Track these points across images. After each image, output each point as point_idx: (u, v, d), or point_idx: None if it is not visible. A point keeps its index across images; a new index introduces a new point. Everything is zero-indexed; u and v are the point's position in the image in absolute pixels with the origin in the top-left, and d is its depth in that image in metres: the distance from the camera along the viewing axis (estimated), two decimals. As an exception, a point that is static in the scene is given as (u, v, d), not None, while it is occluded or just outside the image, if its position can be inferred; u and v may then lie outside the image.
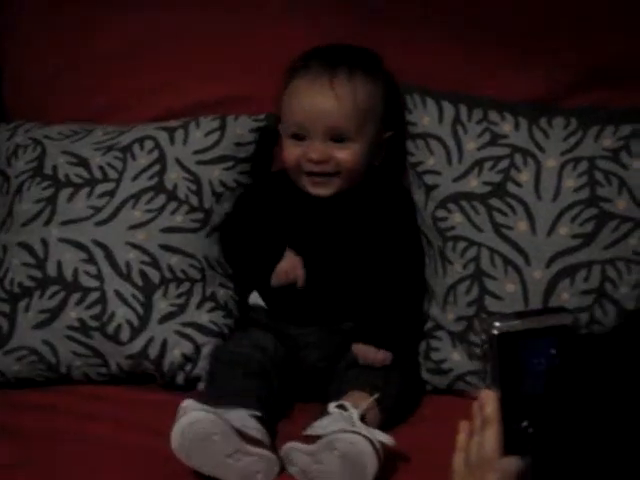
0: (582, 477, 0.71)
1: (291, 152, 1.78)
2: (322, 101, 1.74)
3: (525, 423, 0.90)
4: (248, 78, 1.93)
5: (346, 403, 1.59)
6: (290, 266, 1.77)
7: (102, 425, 1.69)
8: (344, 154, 1.75)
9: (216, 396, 1.64)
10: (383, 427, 1.61)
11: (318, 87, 1.74)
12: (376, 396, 1.62)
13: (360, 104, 1.75)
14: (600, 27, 1.80)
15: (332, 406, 1.60)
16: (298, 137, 1.77)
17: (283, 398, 1.71)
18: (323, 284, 1.78)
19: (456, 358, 1.75)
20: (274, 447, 1.58)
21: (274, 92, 1.81)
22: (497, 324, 0.92)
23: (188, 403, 1.54)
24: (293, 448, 1.54)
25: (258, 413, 1.60)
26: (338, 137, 1.75)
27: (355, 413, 1.57)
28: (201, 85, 1.95)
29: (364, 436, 1.50)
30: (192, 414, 1.52)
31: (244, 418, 1.57)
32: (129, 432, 1.66)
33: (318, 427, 1.55)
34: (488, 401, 0.91)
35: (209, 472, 1.53)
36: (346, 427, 1.52)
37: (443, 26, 1.86)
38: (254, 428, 1.56)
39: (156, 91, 1.96)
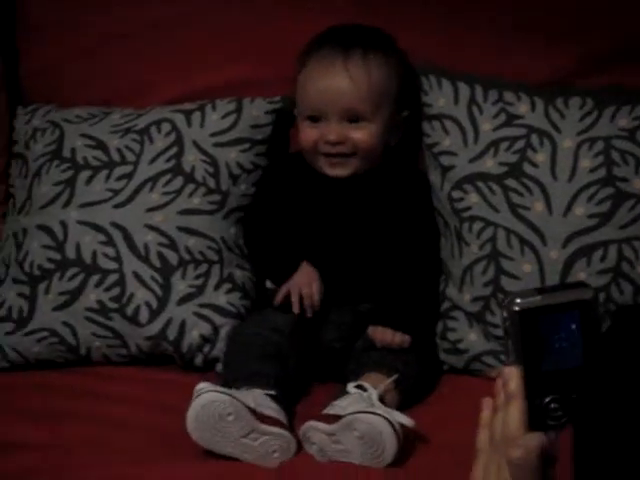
0: (623, 450, 0.72)
1: (308, 134, 1.79)
2: (337, 82, 1.75)
3: (548, 399, 0.91)
4: (264, 61, 1.93)
5: (365, 384, 1.60)
6: (306, 281, 1.76)
7: (122, 406, 1.70)
8: (360, 134, 1.76)
9: (233, 378, 1.66)
10: (401, 407, 1.62)
11: (332, 69, 1.75)
12: (395, 377, 1.63)
13: (375, 84, 1.75)
14: (617, 8, 1.80)
15: (351, 386, 1.61)
16: (314, 119, 1.78)
17: (300, 378, 1.72)
18: (341, 265, 1.79)
19: (472, 338, 1.76)
20: (291, 426, 1.59)
21: (290, 75, 1.82)
22: (518, 300, 0.93)
23: (203, 385, 1.55)
24: (312, 427, 1.55)
25: (273, 392, 1.60)
26: (354, 118, 1.76)
27: (374, 394, 1.58)
28: (217, 69, 1.95)
29: (384, 417, 1.51)
30: (206, 395, 1.53)
31: (259, 397, 1.58)
32: (148, 413, 1.67)
33: (338, 407, 1.56)
34: (511, 377, 0.92)
35: (226, 452, 1.54)
36: (366, 408, 1.53)
37: (459, 8, 1.86)
38: (270, 407, 1.57)
39: (173, 74, 1.97)
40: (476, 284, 1.75)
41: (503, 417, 0.92)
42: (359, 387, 1.61)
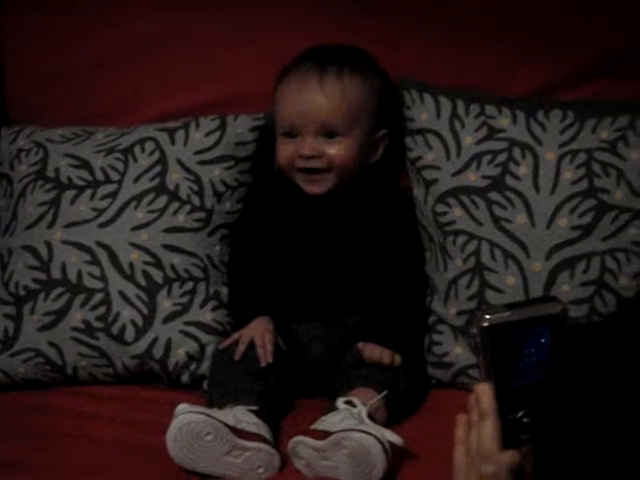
0: (581, 465, 0.72)
1: (284, 150, 1.79)
2: (312, 98, 1.76)
3: (520, 413, 0.91)
4: (247, 78, 1.94)
5: (354, 399, 1.61)
6: (260, 331, 1.73)
7: (109, 425, 1.70)
8: (335, 149, 1.76)
9: (217, 395, 1.66)
10: (389, 423, 1.63)
11: (308, 84, 1.76)
12: (384, 394, 1.63)
13: (350, 100, 1.76)
14: (597, 21, 1.81)
15: (340, 401, 1.61)
16: (290, 135, 1.78)
17: (286, 393, 1.72)
18: (326, 280, 1.79)
19: (458, 352, 1.76)
20: (276, 441, 1.59)
21: (273, 92, 1.83)
22: (487, 316, 0.93)
23: (181, 407, 1.55)
24: (301, 442, 1.55)
25: (255, 407, 1.61)
26: (329, 133, 1.76)
27: (364, 411, 1.58)
28: (200, 86, 1.96)
29: (373, 435, 1.51)
30: (183, 417, 1.54)
31: (241, 414, 1.58)
32: (135, 432, 1.67)
33: (327, 423, 1.56)
34: (483, 394, 0.92)
35: (210, 472, 1.55)
36: (356, 426, 1.53)
37: (440, 21, 1.87)
38: (252, 423, 1.57)
39: (156, 93, 1.97)
40: (461, 298, 1.75)
41: (477, 433, 0.92)
42: (348, 403, 1.61)
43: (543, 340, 0.92)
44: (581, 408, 0.74)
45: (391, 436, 1.53)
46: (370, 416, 1.59)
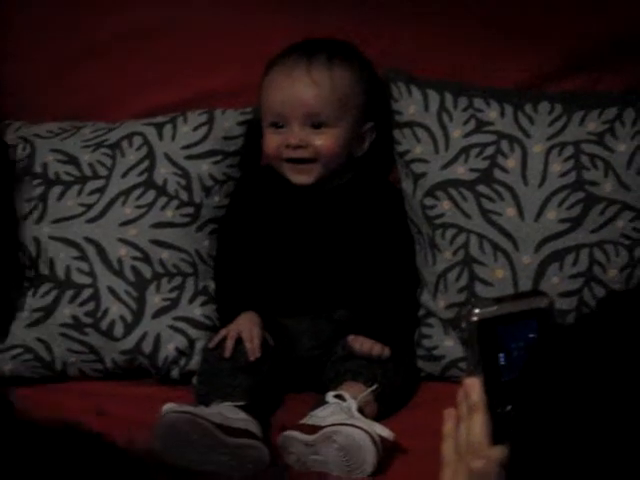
0: (559, 461, 0.73)
1: (271, 140, 1.79)
2: (299, 88, 1.76)
3: (509, 407, 0.91)
4: (235, 72, 1.93)
5: (344, 393, 1.61)
6: (247, 326, 1.72)
7: (99, 421, 1.69)
8: (322, 140, 1.76)
9: (205, 392, 1.67)
10: (379, 416, 1.63)
11: (295, 74, 1.76)
12: (374, 388, 1.63)
13: (338, 90, 1.76)
14: (584, 12, 1.81)
15: (330, 395, 1.61)
16: (277, 125, 1.78)
17: (275, 388, 1.72)
18: (314, 273, 1.79)
19: (448, 344, 1.76)
20: (266, 436, 1.59)
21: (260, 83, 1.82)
22: (476, 311, 0.93)
23: (166, 407, 1.55)
24: (291, 437, 1.55)
25: (242, 403, 1.60)
26: (316, 123, 1.76)
27: (354, 405, 1.58)
28: (188, 80, 1.95)
29: (364, 430, 1.51)
30: (168, 417, 1.54)
31: (228, 410, 1.58)
32: (125, 428, 1.66)
33: (317, 417, 1.56)
34: (472, 388, 0.92)
35: (201, 469, 1.55)
36: (346, 420, 1.53)
37: (428, 13, 1.86)
38: (239, 419, 1.57)
39: (143, 87, 1.96)
40: (450, 291, 1.75)
41: (467, 428, 0.92)
42: (338, 397, 1.61)
43: (531, 334, 0.93)
44: (556, 401, 0.74)
45: (381, 430, 1.54)
46: (360, 410, 1.59)
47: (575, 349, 0.76)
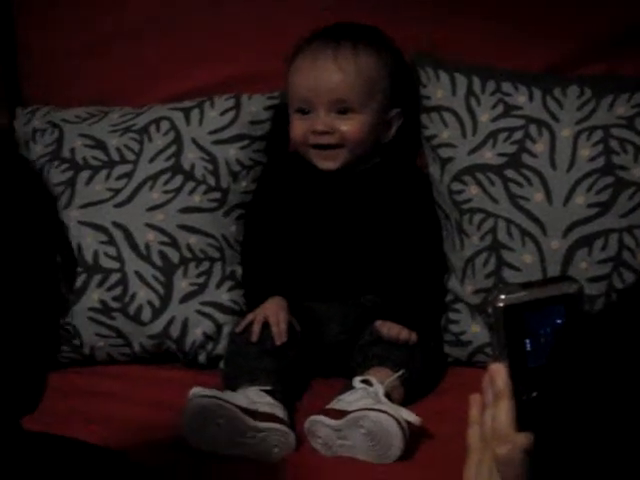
0: (584, 449, 0.72)
1: (297, 127, 1.79)
2: (325, 73, 1.76)
3: (535, 394, 0.91)
4: (263, 57, 1.93)
5: (371, 378, 1.60)
6: (273, 310, 1.72)
7: (126, 405, 1.70)
8: (348, 125, 1.76)
9: (233, 376, 1.67)
10: (406, 401, 1.63)
11: (322, 60, 1.76)
12: (401, 373, 1.63)
13: (364, 76, 1.76)
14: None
15: (357, 381, 1.61)
16: (303, 111, 1.78)
17: (302, 373, 1.73)
18: (342, 259, 1.79)
19: (475, 330, 1.76)
20: (292, 420, 1.59)
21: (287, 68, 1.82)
22: (502, 296, 0.92)
23: (194, 391, 1.56)
24: (318, 421, 1.55)
25: (269, 387, 1.61)
26: (342, 109, 1.76)
27: (381, 390, 1.58)
28: (215, 65, 1.95)
29: (391, 415, 1.51)
30: (194, 401, 1.54)
31: (254, 395, 1.58)
32: (153, 411, 1.68)
33: (344, 402, 1.57)
34: (498, 374, 0.92)
35: (226, 453, 1.55)
36: (373, 405, 1.53)
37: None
38: (266, 403, 1.57)
39: (171, 71, 1.97)
40: (478, 276, 1.75)
41: (492, 414, 0.91)
42: (365, 382, 1.61)
43: (559, 320, 0.92)
44: (583, 389, 0.73)
45: (408, 415, 1.53)
46: (387, 395, 1.59)
47: (603, 336, 0.75)
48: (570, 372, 0.77)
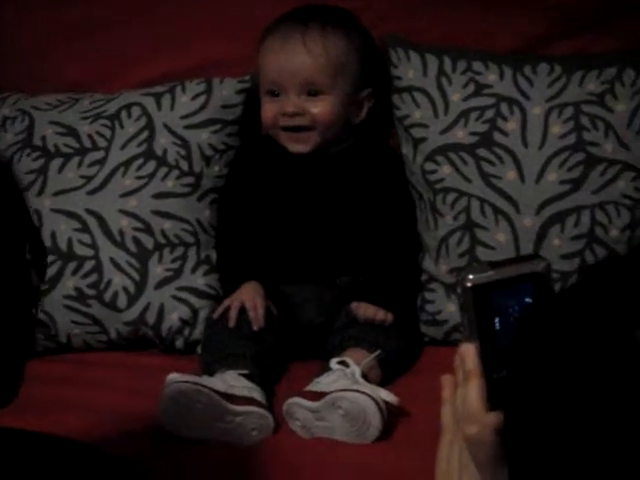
0: (552, 426, 0.73)
1: (267, 109, 1.79)
2: (294, 55, 1.75)
3: (504, 372, 0.91)
4: (232, 41, 1.92)
5: (348, 359, 1.61)
6: (250, 295, 1.72)
7: (103, 393, 1.70)
8: (319, 107, 1.76)
9: (210, 361, 1.67)
10: (383, 382, 1.63)
11: (291, 42, 1.76)
12: (377, 353, 1.64)
13: (333, 57, 1.76)
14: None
15: (334, 362, 1.61)
16: (273, 93, 1.78)
17: (280, 356, 1.73)
18: (316, 241, 1.79)
19: (451, 309, 1.76)
20: (270, 403, 1.60)
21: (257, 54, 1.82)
22: (470, 276, 0.92)
23: (170, 377, 1.56)
24: (296, 403, 1.55)
25: (246, 371, 1.61)
26: (312, 91, 1.76)
27: (357, 370, 1.59)
28: (185, 49, 1.94)
29: (368, 395, 1.52)
30: (172, 387, 1.54)
31: (232, 379, 1.58)
32: (131, 399, 1.67)
33: (321, 384, 1.57)
34: (467, 354, 0.92)
35: (205, 439, 1.55)
36: (350, 386, 1.54)
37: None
38: (243, 387, 1.57)
39: (141, 57, 1.96)
40: (452, 255, 1.75)
41: (463, 394, 0.92)
42: (342, 363, 1.61)
43: (527, 299, 0.92)
44: (550, 367, 0.74)
45: (386, 395, 1.54)
46: (364, 376, 1.60)
47: (569, 314, 0.76)
48: (535, 350, 0.77)
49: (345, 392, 1.52)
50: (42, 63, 2.01)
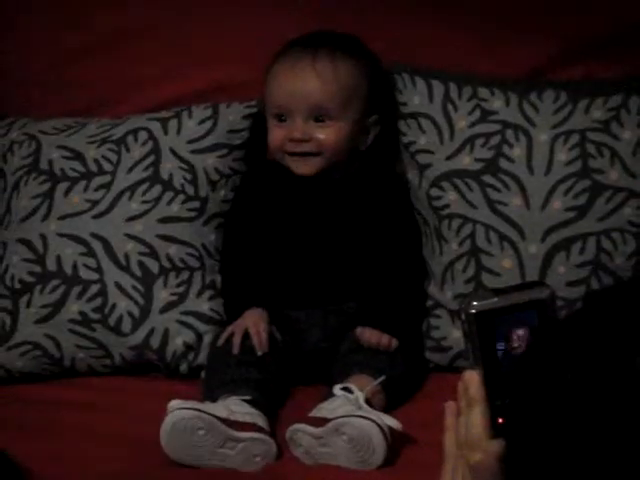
0: (555, 453, 0.72)
1: (275, 133, 1.79)
2: (303, 80, 1.75)
3: (508, 400, 0.91)
4: (239, 66, 1.93)
5: (352, 386, 1.60)
6: (253, 321, 1.72)
7: (108, 417, 1.70)
8: (325, 133, 1.76)
9: (213, 387, 1.66)
10: (387, 408, 1.63)
11: (299, 67, 1.76)
12: (381, 379, 1.63)
13: (342, 83, 1.76)
14: (588, 1, 1.80)
15: (337, 388, 1.61)
16: (280, 118, 1.78)
17: (283, 382, 1.72)
18: (321, 267, 1.79)
19: (456, 335, 1.75)
20: (273, 429, 1.59)
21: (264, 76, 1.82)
22: (474, 303, 0.92)
23: (172, 403, 1.55)
24: (299, 429, 1.55)
25: (249, 397, 1.60)
26: (320, 117, 1.76)
27: (361, 396, 1.58)
28: (192, 74, 1.95)
29: (372, 420, 1.51)
30: (174, 414, 1.54)
31: (234, 405, 1.58)
32: (135, 423, 1.67)
33: (325, 410, 1.56)
34: (471, 381, 0.92)
35: (208, 465, 1.55)
36: (354, 411, 1.53)
37: (430, 4, 1.86)
38: (246, 412, 1.57)
39: (147, 82, 1.96)
40: (457, 281, 1.75)
41: (466, 421, 0.91)
42: (345, 389, 1.61)
43: (531, 326, 0.92)
44: (552, 394, 0.74)
45: (390, 421, 1.53)
46: (368, 402, 1.59)
47: (570, 342, 0.76)
48: (537, 378, 0.77)
49: (349, 418, 1.52)
50: (48, 88, 2.02)
